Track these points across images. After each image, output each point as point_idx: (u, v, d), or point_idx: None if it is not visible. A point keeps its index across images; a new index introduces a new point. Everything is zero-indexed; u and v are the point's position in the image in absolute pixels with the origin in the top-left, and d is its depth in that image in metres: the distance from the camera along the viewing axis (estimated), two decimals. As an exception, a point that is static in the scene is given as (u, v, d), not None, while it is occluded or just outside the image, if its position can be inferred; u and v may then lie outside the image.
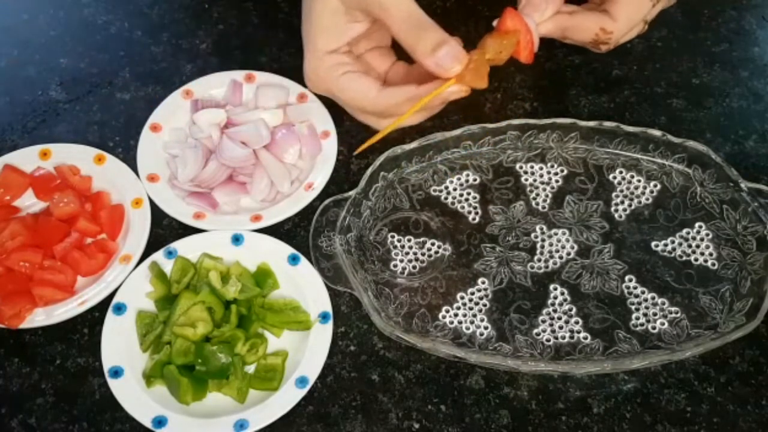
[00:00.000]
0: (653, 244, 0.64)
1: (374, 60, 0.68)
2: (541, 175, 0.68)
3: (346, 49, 0.65)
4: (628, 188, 0.67)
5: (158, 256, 0.62)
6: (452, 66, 0.59)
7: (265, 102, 0.70)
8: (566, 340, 0.60)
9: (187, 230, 0.65)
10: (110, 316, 0.60)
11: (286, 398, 0.57)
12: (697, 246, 0.64)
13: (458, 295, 0.62)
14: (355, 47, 0.67)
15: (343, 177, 0.68)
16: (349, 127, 0.70)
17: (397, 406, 0.58)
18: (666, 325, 0.60)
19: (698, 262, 0.63)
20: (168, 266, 0.62)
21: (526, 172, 0.68)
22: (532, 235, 0.65)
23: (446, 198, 0.67)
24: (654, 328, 0.60)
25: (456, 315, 0.61)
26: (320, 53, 0.64)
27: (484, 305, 0.62)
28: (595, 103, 0.72)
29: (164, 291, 0.61)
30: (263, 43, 0.76)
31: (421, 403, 0.58)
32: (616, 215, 0.66)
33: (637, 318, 0.61)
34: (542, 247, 0.64)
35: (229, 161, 0.66)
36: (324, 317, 0.60)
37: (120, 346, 0.59)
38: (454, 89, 0.61)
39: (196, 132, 0.68)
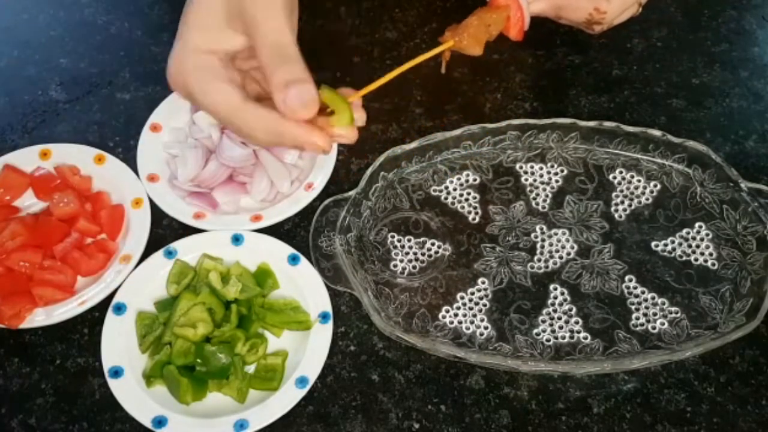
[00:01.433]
0: (653, 244, 0.64)
1: (258, 80, 0.60)
2: (541, 175, 0.68)
3: (224, 57, 0.56)
4: (628, 188, 0.67)
5: (158, 256, 0.62)
6: (297, 109, 0.52)
7: None
8: (566, 340, 0.60)
9: (187, 230, 0.65)
10: (110, 316, 0.60)
11: (286, 398, 0.57)
12: (697, 246, 0.64)
13: (458, 295, 0.62)
14: (241, 62, 0.58)
15: (343, 177, 0.68)
16: (349, 127, 0.70)
17: (397, 406, 0.58)
18: (666, 325, 0.60)
19: (698, 262, 0.63)
20: (168, 266, 0.62)
21: (526, 172, 0.68)
22: (532, 235, 0.65)
23: (446, 198, 0.67)
24: (654, 328, 0.60)
25: (456, 315, 0.61)
26: (188, 49, 0.56)
27: (484, 305, 0.62)
28: (595, 103, 0.72)
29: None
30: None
31: (421, 403, 0.58)
32: (616, 215, 0.66)
33: (637, 318, 0.61)
34: (542, 247, 0.64)
35: (228, 161, 0.66)
36: (324, 317, 0.60)
37: (120, 346, 0.59)
38: (311, 139, 0.53)
39: (196, 132, 0.68)
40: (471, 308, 0.61)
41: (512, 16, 0.63)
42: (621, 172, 0.67)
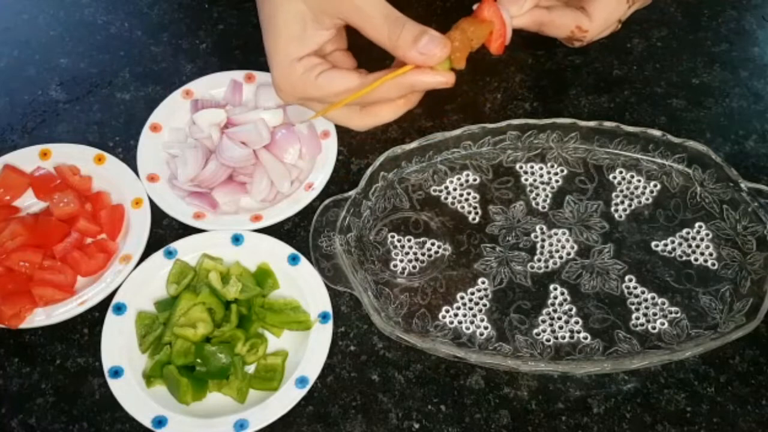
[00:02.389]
0: (653, 244, 0.64)
1: (340, 61, 0.66)
2: (541, 175, 0.68)
3: (317, 53, 0.63)
4: (628, 188, 0.67)
5: (158, 256, 0.62)
6: (436, 52, 0.59)
7: (264, 102, 0.70)
8: (566, 340, 0.60)
9: (187, 230, 0.65)
10: (110, 316, 0.60)
11: (286, 398, 0.57)
12: (697, 246, 0.64)
13: (458, 295, 0.62)
14: (319, 50, 0.64)
15: (343, 177, 0.68)
16: (349, 127, 0.71)
17: (397, 406, 0.58)
18: (666, 325, 0.60)
19: (698, 262, 0.63)
20: (168, 266, 0.62)
21: (526, 172, 0.68)
22: (532, 235, 0.65)
23: (446, 198, 0.67)
24: (654, 328, 0.60)
25: (456, 315, 0.61)
26: (290, 61, 0.62)
27: (484, 305, 0.62)
28: (595, 103, 0.72)
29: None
30: (263, 43, 0.76)
31: (421, 403, 0.58)
32: (616, 215, 0.66)
33: (637, 318, 0.61)
34: (542, 247, 0.64)
35: (228, 161, 0.66)
36: (324, 317, 0.60)
37: (120, 346, 0.59)
38: (437, 79, 0.60)
39: (196, 132, 0.68)
40: (471, 308, 0.61)
41: (495, 31, 0.63)
42: (621, 172, 0.67)
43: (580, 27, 0.66)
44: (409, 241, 0.65)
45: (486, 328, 0.60)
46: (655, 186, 0.67)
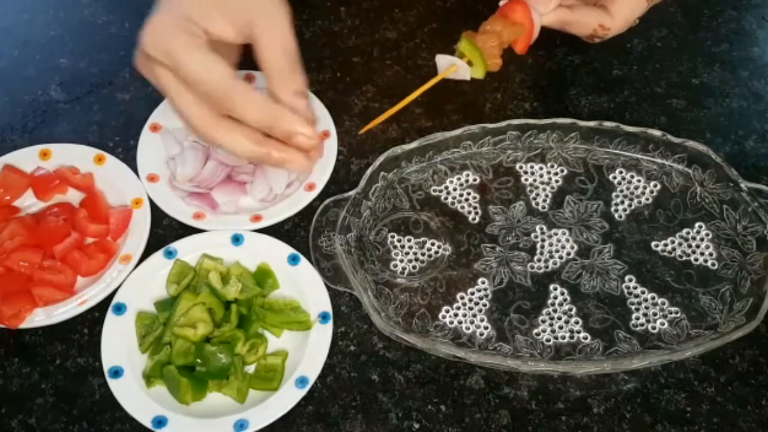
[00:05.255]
0: (653, 244, 0.64)
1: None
2: (541, 175, 0.68)
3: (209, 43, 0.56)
4: (628, 188, 0.67)
5: (158, 256, 0.62)
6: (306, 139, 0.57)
7: None
8: (566, 340, 0.60)
9: (187, 230, 0.64)
10: (110, 316, 0.60)
11: (286, 398, 0.57)
12: (697, 246, 0.64)
13: (458, 295, 0.62)
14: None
15: (343, 177, 0.68)
16: (349, 127, 0.71)
17: (397, 406, 0.58)
18: (666, 325, 0.60)
19: (698, 262, 0.63)
20: (168, 266, 0.62)
21: (526, 172, 0.68)
22: (532, 235, 0.65)
23: (446, 198, 0.67)
24: (654, 328, 0.60)
25: (456, 315, 0.61)
26: (182, 15, 0.54)
27: (484, 305, 0.62)
28: (595, 103, 0.72)
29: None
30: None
31: (421, 403, 0.58)
32: (616, 215, 0.66)
33: (637, 318, 0.61)
34: (542, 247, 0.64)
35: (224, 158, 0.66)
36: (324, 317, 0.60)
37: (120, 346, 0.59)
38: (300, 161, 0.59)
39: (188, 131, 0.68)
40: (471, 308, 0.61)
41: (525, 32, 0.64)
42: (621, 172, 0.67)
43: (603, 25, 0.67)
44: (409, 241, 0.65)
45: (486, 328, 0.60)
46: (655, 186, 0.67)
